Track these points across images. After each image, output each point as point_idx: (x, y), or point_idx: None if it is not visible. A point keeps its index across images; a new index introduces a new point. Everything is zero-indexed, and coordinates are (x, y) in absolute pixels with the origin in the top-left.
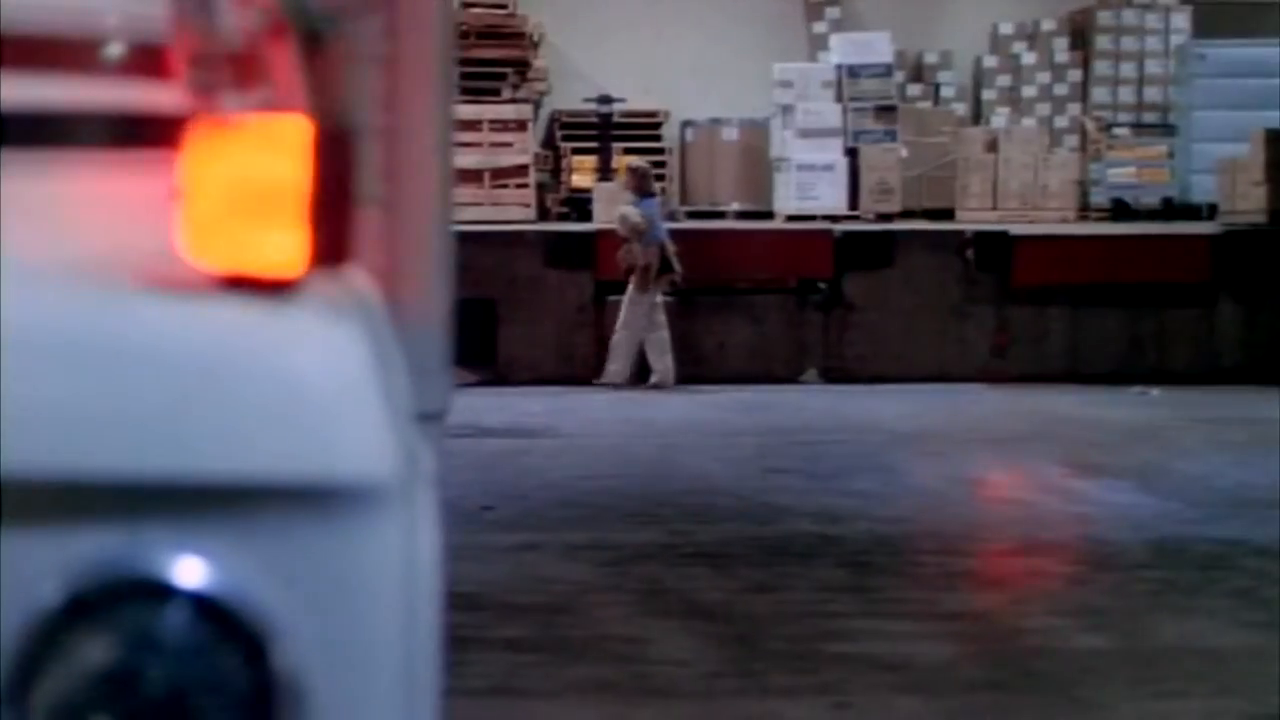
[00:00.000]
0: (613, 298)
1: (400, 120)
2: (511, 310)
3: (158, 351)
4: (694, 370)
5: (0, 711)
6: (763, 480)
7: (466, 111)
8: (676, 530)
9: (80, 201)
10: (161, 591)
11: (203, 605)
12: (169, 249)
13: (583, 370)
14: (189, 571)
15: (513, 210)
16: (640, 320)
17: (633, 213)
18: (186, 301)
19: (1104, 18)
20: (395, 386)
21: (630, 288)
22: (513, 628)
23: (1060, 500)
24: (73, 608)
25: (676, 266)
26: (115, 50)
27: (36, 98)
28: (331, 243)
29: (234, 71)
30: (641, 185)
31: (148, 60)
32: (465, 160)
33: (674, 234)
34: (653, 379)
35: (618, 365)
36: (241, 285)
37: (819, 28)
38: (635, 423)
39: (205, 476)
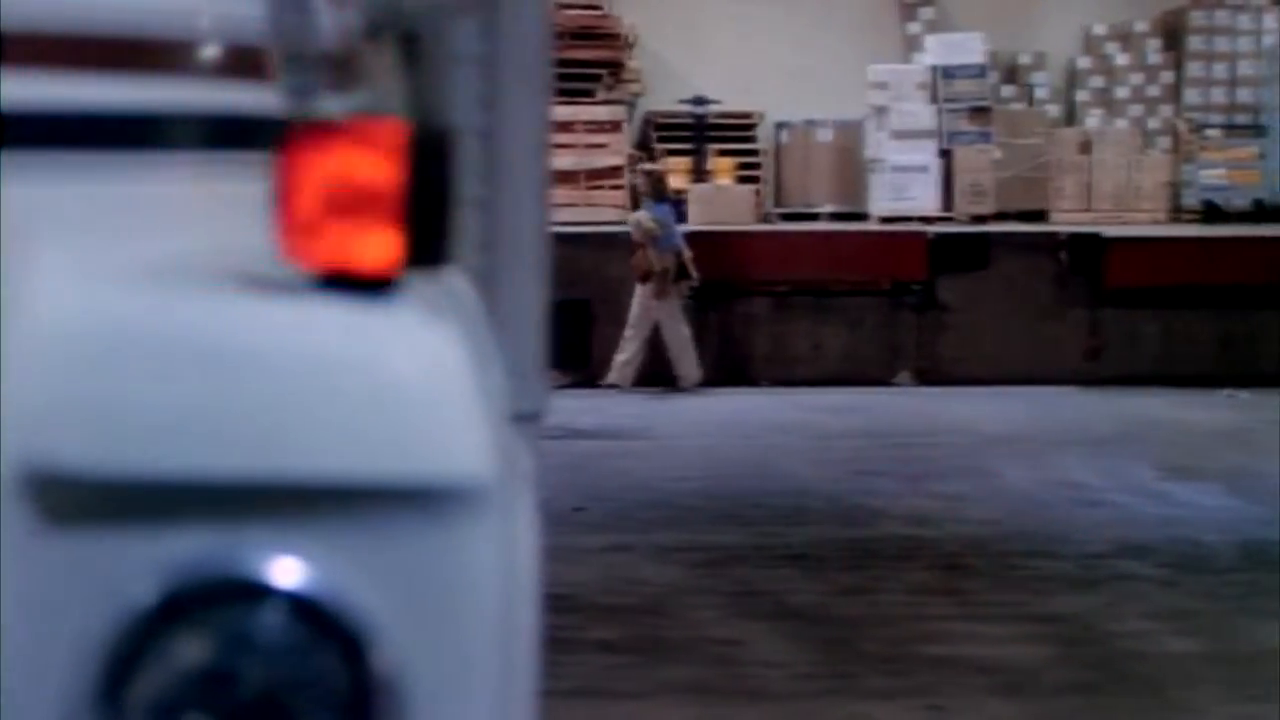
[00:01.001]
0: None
1: (498, 121)
2: (605, 311)
3: (256, 352)
4: (787, 372)
5: (96, 712)
6: (855, 482)
7: (561, 113)
8: (768, 532)
9: (178, 203)
10: (259, 592)
11: (300, 606)
12: (267, 250)
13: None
14: (286, 572)
15: (607, 211)
16: (647, 326)
17: (646, 217)
18: (285, 303)
19: (1196, 18)
20: (493, 387)
21: (639, 291)
22: (605, 629)
23: (1150, 503)
24: (169, 608)
25: (692, 272)
26: (212, 52)
27: (135, 100)
28: (430, 244)
29: (331, 73)
30: (657, 190)
31: (245, 62)
32: (560, 161)
33: (689, 238)
34: (680, 381)
35: (626, 364)
36: (340, 286)
37: (913, 28)
38: (728, 424)
39: (303, 477)
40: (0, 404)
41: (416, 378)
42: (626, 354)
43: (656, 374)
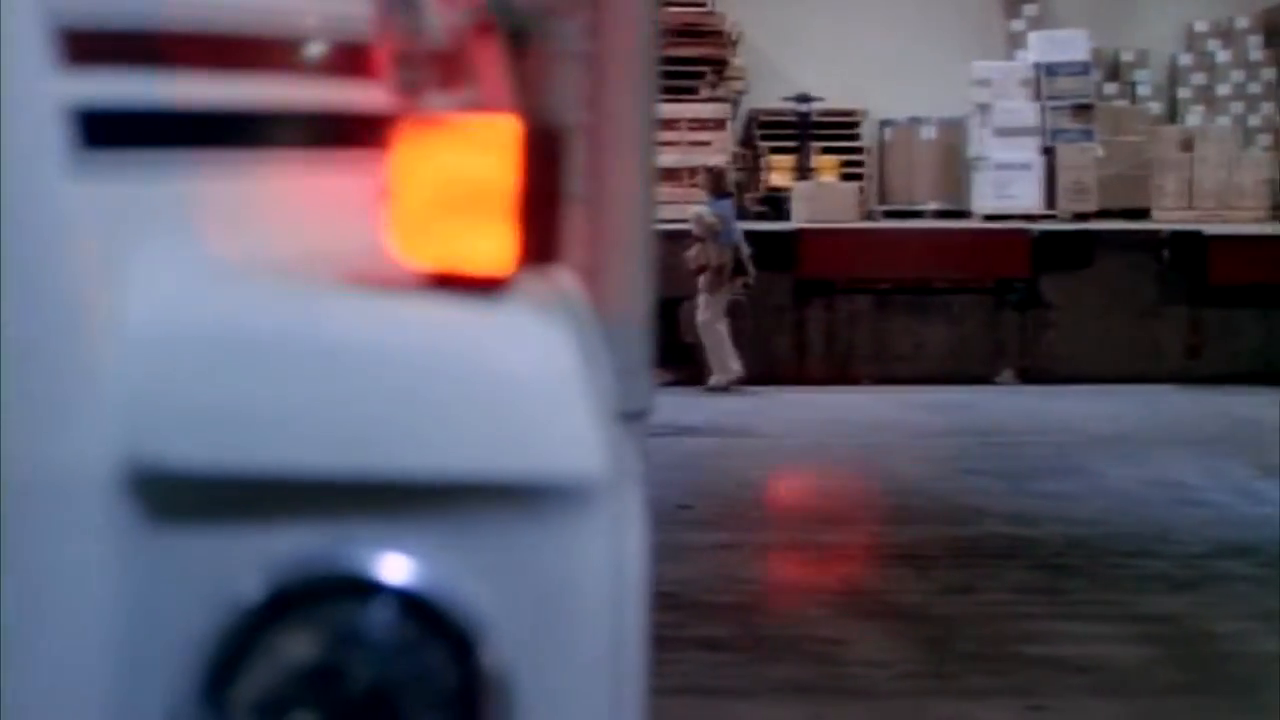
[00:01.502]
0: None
1: (604, 118)
2: None
3: (365, 350)
4: (890, 369)
5: (202, 709)
6: (958, 481)
7: (665, 110)
8: (872, 530)
9: (288, 201)
10: (367, 589)
11: (409, 602)
12: (378, 248)
13: (781, 370)
14: (395, 569)
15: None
16: (721, 317)
17: (707, 212)
18: (395, 300)
19: None
20: (602, 386)
21: (702, 289)
22: (711, 627)
23: (1250, 502)
24: (276, 605)
25: (749, 269)
26: (322, 49)
27: (245, 98)
28: (540, 241)
29: (440, 70)
30: (717, 185)
31: (355, 59)
32: (664, 159)
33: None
34: (711, 380)
35: (731, 364)
36: (451, 284)
37: (1016, 25)
38: (832, 422)
39: (413, 474)
40: (106, 402)
41: (528, 375)
42: (720, 358)
43: (752, 371)
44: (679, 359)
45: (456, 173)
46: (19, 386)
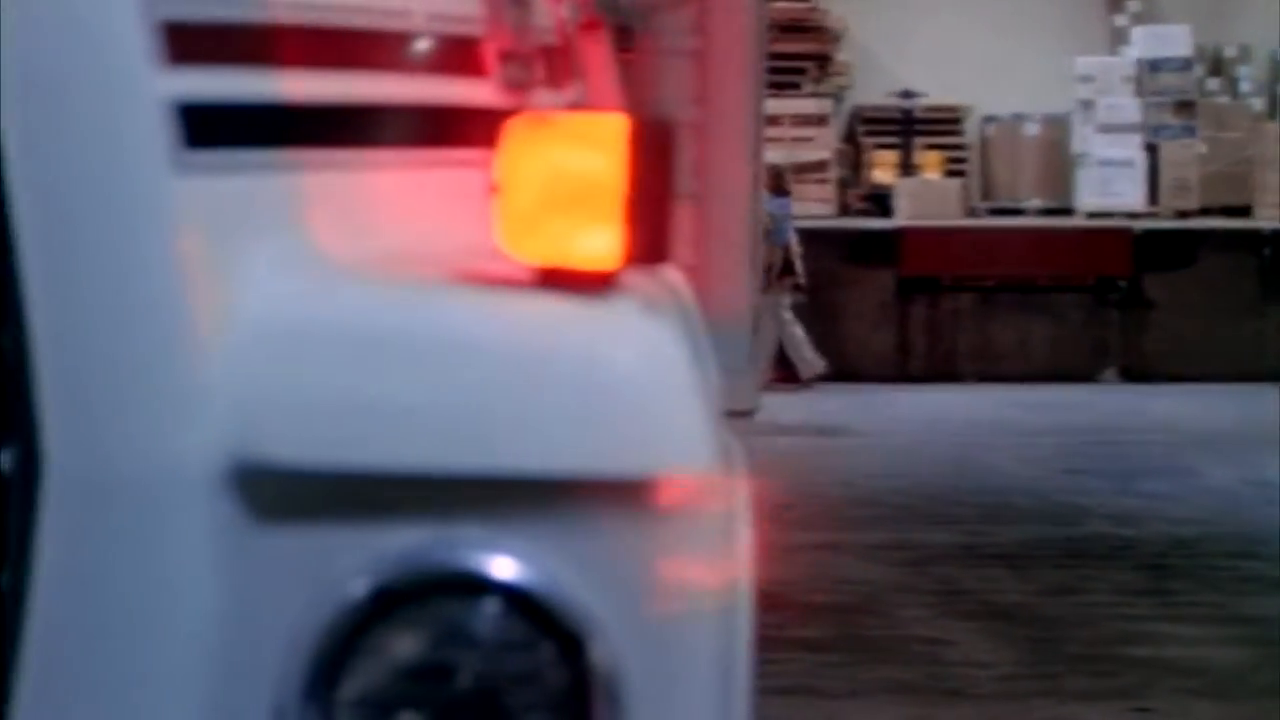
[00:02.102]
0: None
1: (711, 115)
2: (812, 307)
3: (474, 346)
4: (992, 367)
5: (308, 707)
6: (1060, 480)
7: (768, 106)
8: (974, 530)
9: (398, 199)
10: (475, 586)
11: (517, 600)
12: (486, 246)
13: (883, 368)
14: (504, 566)
15: (813, 206)
16: (777, 316)
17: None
18: (504, 298)
19: None
20: (710, 383)
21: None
22: (812, 628)
23: None
24: (382, 603)
25: (799, 269)
26: (430, 46)
27: (353, 95)
28: (649, 239)
29: (549, 67)
30: (776, 184)
31: (463, 56)
32: (766, 156)
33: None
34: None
35: (807, 357)
36: (559, 282)
37: (1119, 20)
38: (932, 420)
39: (521, 471)
40: (214, 399)
41: (637, 373)
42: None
43: (853, 369)
44: (782, 356)
45: (565, 170)
46: (127, 384)
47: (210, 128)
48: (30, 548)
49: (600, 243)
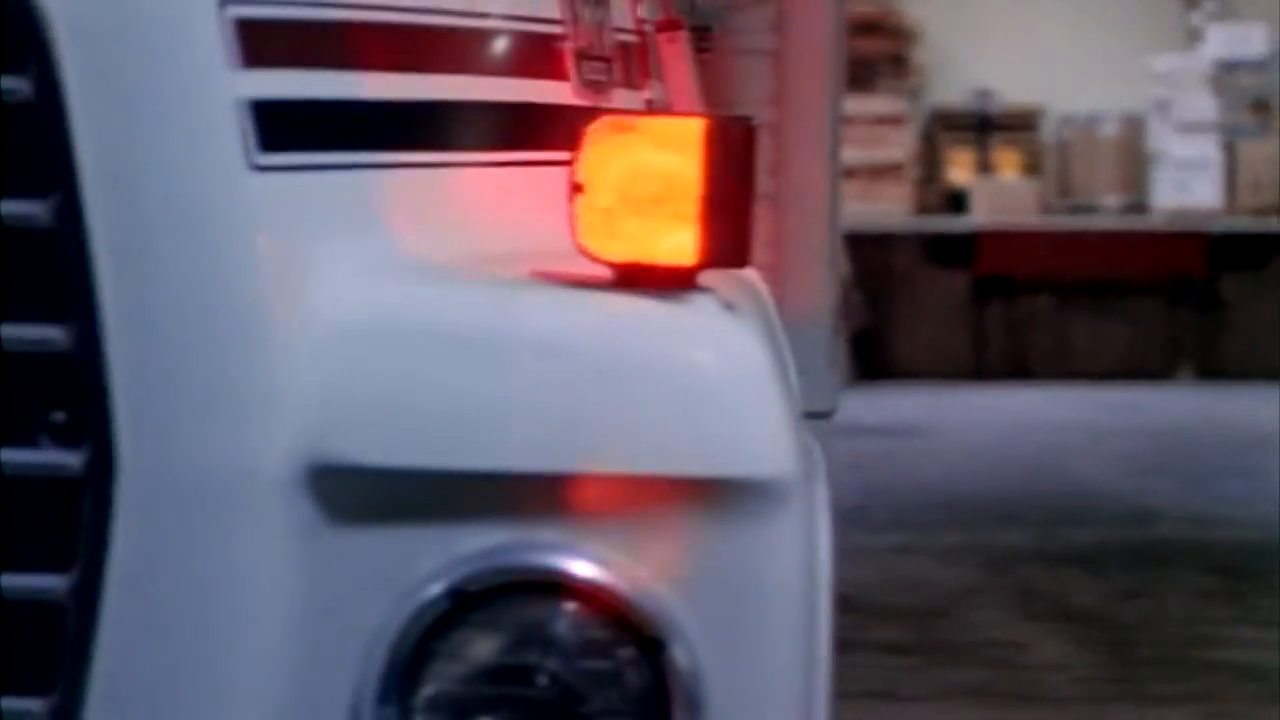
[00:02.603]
0: (993, 295)
1: (788, 115)
2: (888, 308)
3: (555, 347)
4: (1067, 368)
5: (384, 708)
6: (1135, 481)
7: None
8: (1049, 532)
9: (476, 199)
10: (553, 588)
11: (596, 602)
12: (565, 245)
13: (958, 368)
14: (582, 568)
15: (889, 207)
16: None
17: None
18: (584, 298)
19: None
20: (790, 384)
21: None
22: (889, 630)
23: None
24: (459, 603)
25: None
26: (508, 46)
27: (430, 95)
28: (728, 240)
29: (626, 67)
30: None
31: (541, 56)
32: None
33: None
34: None
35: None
36: (639, 283)
37: (1195, 19)
38: (1009, 422)
39: (601, 472)
40: (290, 398)
41: (719, 374)
42: None
43: (929, 369)
44: (860, 358)
45: (645, 171)
46: (204, 384)
47: (288, 128)
48: (103, 548)
49: (680, 244)
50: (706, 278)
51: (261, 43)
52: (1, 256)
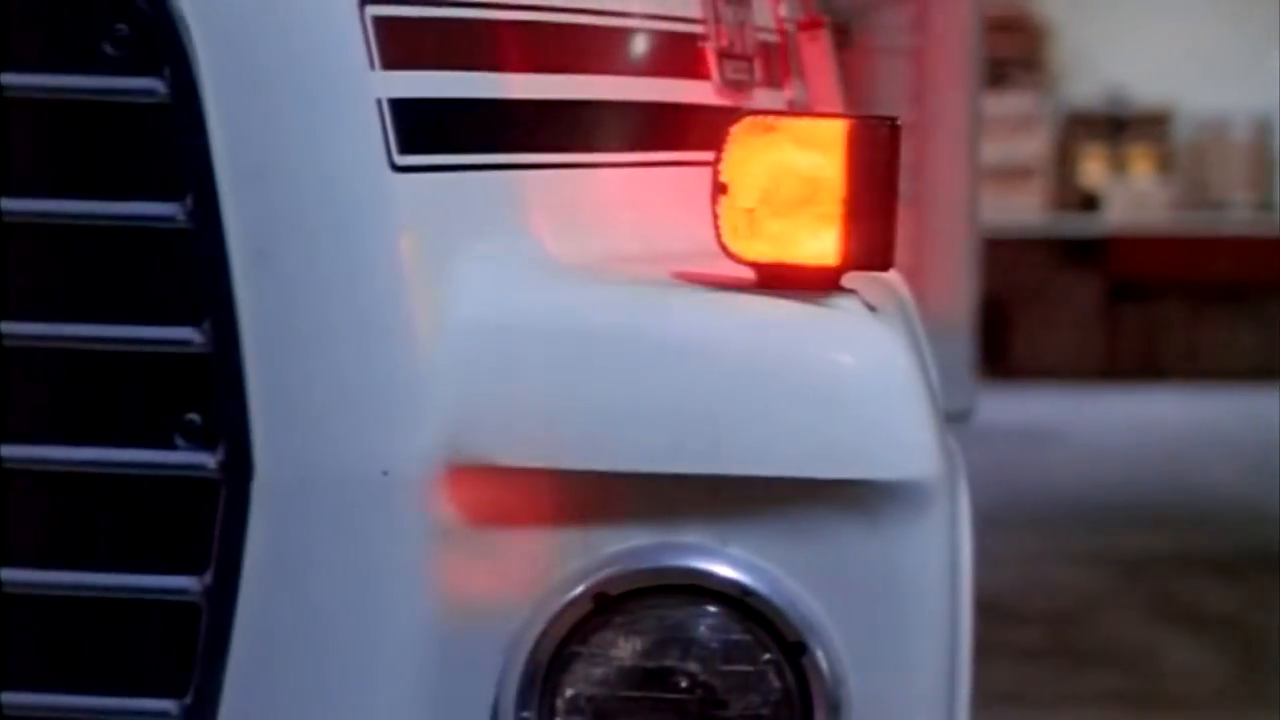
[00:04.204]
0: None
1: (928, 115)
2: (1021, 310)
3: (699, 347)
4: (1199, 371)
5: (526, 709)
6: (1269, 485)
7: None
8: (1184, 537)
9: (616, 198)
10: (696, 590)
11: (739, 605)
12: (707, 245)
13: (1092, 370)
14: (725, 570)
15: (1022, 208)
16: None
17: None
18: (727, 299)
19: None
20: (933, 387)
21: None
22: (1023, 634)
23: None
24: (600, 605)
25: None
26: (650, 46)
27: (570, 94)
28: (872, 241)
29: (768, 66)
30: None
31: (682, 56)
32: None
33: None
34: None
35: None
36: (783, 282)
37: None
38: (1140, 425)
39: (745, 473)
40: (433, 397)
41: (862, 376)
42: None
43: (1062, 371)
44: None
45: (787, 171)
46: (341, 384)
47: (428, 129)
48: (238, 549)
49: (824, 245)
50: (850, 279)
51: (402, 43)
52: (139, 257)
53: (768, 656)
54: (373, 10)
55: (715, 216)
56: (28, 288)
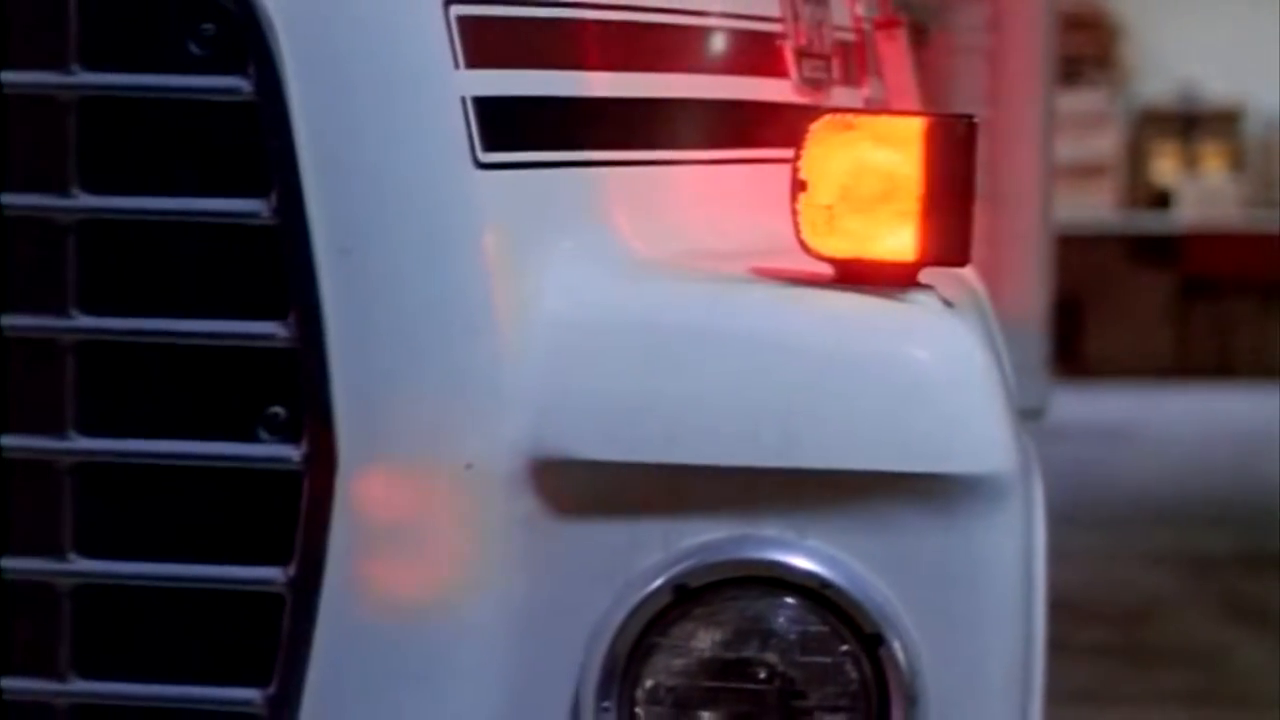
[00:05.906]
0: (1198, 296)
1: (1004, 113)
2: (1093, 307)
3: (777, 343)
4: (1271, 369)
5: (607, 700)
6: None
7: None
8: (1254, 536)
9: (696, 195)
10: (774, 583)
11: (817, 597)
12: (786, 242)
13: (1163, 368)
14: (803, 563)
15: (1093, 205)
16: None
17: None
18: (806, 295)
19: None
20: (1007, 383)
21: None
22: (1094, 632)
23: None
24: (680, 597)
25: None
26: (729, 44)
27: (650, 92)
28: (949, 238)
29: (845, 64)
30: None
31: (761, 54)
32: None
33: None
34: None
35: None
36: (860, 279)
37: None
38: (1213, 423)
39: (823, 468)
40: (516, 392)
41: (939, 371)
42: None
43: (1133, 368)
44: (1064, 357)
45: (866, 168)
46: (427, 379)
47: (511, 126)
48: (322, 540)
49: (902, 241)
50: (927, 275)
51: (485, 42)
52: (225, 253)
53: (845, 648)
54: (457, 10)
55: (794, 213)
56: (115, 284)
